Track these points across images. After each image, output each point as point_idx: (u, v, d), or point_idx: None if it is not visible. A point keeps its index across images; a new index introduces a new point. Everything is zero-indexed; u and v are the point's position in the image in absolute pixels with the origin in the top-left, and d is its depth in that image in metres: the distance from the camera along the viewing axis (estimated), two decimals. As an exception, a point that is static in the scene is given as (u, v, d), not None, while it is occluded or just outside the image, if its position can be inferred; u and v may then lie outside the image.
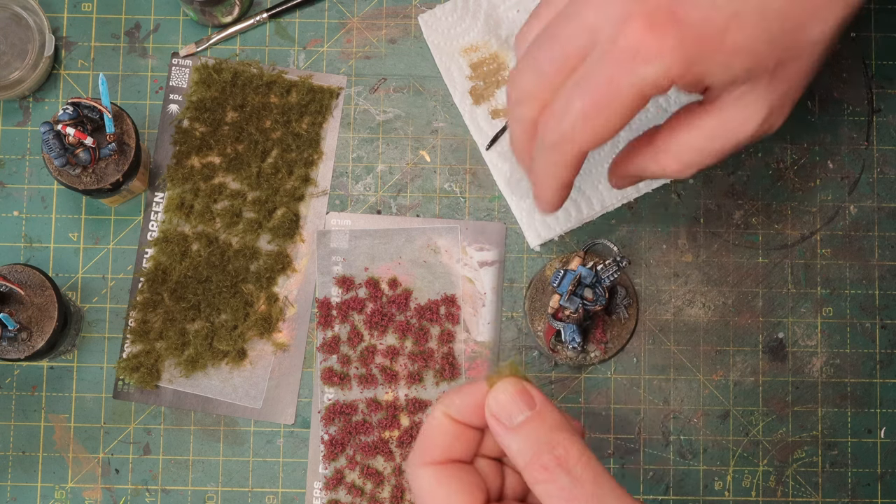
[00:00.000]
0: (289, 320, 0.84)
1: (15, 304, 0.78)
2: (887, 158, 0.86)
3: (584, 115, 0.62)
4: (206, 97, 0.85)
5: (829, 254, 0.85)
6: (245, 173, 0.85)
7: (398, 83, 0.87)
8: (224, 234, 0.85)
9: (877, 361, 0.85)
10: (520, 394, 0.54)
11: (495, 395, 0.54)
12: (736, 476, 0.84)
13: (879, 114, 0.86)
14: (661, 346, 0.84)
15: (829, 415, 0.84)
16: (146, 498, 0.83)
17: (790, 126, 0.86)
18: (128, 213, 0.85)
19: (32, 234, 0.85)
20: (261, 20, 0.86)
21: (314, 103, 0.85)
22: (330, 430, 0.83)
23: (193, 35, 0.87)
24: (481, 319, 0.84)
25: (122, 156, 0.79)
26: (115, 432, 0.84)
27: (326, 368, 0.83)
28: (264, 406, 0.84)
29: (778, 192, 0.86)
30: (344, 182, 0.86)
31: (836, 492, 0.84)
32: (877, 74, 0.87)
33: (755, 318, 0.85)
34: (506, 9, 0.86)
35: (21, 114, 0.86)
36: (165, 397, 0.84)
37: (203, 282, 0.84)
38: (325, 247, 0.85)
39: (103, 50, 0.86)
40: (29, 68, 0.83)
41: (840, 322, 0.85)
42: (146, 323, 0.84)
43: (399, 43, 0.87)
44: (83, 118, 0.77)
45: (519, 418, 0.53)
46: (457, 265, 0.84)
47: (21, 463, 0.83)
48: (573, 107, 0.62)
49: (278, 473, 0.84)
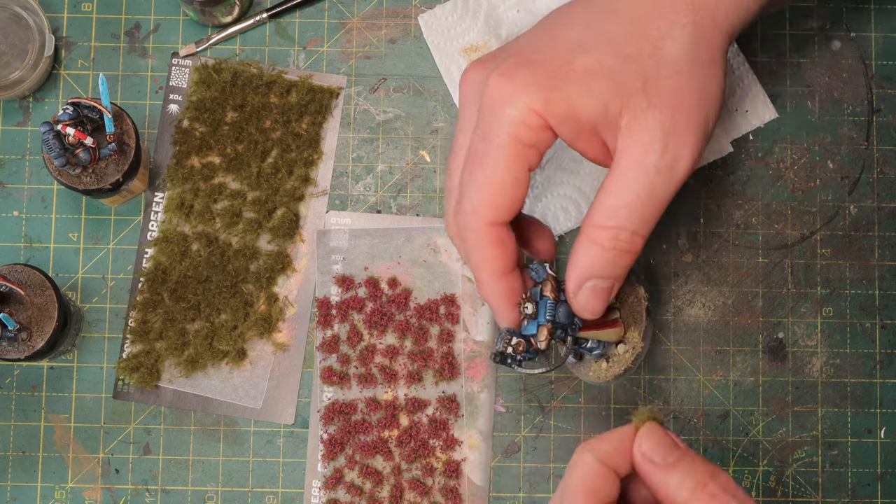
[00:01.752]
0: (289, 320, 0.84)
1: (15, 304, 0.78)
2: (887, 158, 0.86)
3: (470, 179, 0.66)
4: (206, 97, 0.85)
5: (829, 254, 0.85)
6: (245, 173, 0.85)
7: (398, 83, 0.87)
8: (224, 234, 0.85)
9: (877, 361, 0.85)
10: (667, 435, 0.58)
11: (647, 438, 0.58)
12: (736, 476, 0.84)
13: (879, 114, 0.86)
14: (661, 346, 0.84)
15: (829, 415, 0.84)
16: (146, 498, 0.83)
17: (790, 126, 0.86)
18: (128, 213, 0.85)
19: (32, 234, 0.85)
20: (261, 20, 0.86)
21: (314, 103, 0.85)
22: (329, 430, 0.83)
23: (193, 35, 0.87)
24: (481, 319, 0.84)
25: (122, 156, 0.79)
26: (115, 432, 0.84)
27: (326, 368, 0.83)
28: (264, 406, 0.84)
29: (778, 192, 0.86)
30: (344, 182, 0.86)
31: (836, 492, 0.84)
32: (877, 74, 0.87)
33: (755, 318, 0.85)
34: (506, 9, 0.86)
35: (21, 114, 0.86)
36: (165, 397, 0.84)
37: (203, 282, 0.84)
38: (324, 246, 0.85)
39: (103, 50, 0.86)
40: (29, 68, 0.84)
41: (840, 322, 0.85)
42: (146, 323, 0.84)
43: (399, 43, 0.87)
44: (83, 118, 0.77)
45: (671, 457, 0.57)
46: (456, 265, 0.84)
47: (21, 463, 0.84)
48: (463, 179, 0.67)
49: (278, 473, 0.84)
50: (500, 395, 0.84)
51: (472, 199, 0.67)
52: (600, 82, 0.64)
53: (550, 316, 0.69)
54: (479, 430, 0.83)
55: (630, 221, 0.65)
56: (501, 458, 0.84)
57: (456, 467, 0.83)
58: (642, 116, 0.64)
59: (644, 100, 0.64)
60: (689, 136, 0.65)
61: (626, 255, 0.66)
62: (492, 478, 0.83)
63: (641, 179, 0.64)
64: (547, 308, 0.69)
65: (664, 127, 0.64)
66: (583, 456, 0.58)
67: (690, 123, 0.65)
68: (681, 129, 0.65)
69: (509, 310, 0.69)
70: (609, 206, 0.65)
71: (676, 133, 0.65)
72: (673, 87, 0.65)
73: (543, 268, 0.70)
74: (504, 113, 0.65)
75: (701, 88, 0.66)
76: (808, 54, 0.86)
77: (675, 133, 0.65)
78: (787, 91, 0.86)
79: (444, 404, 0.83)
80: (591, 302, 0.67)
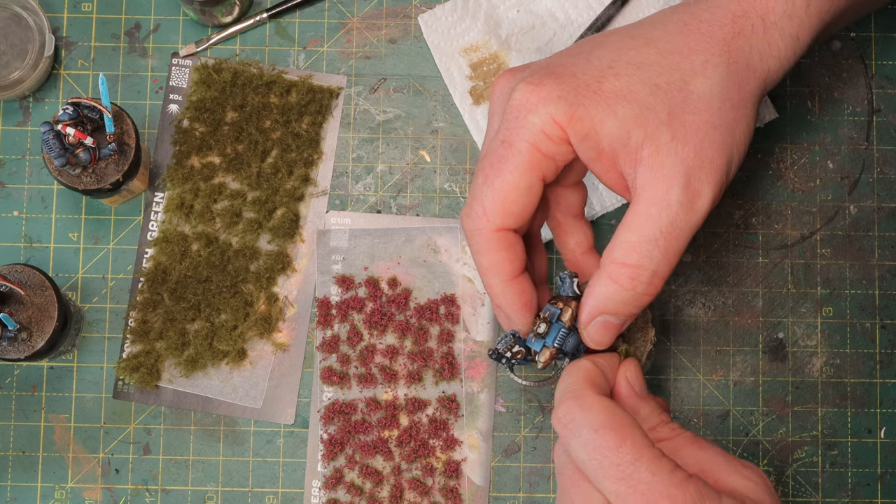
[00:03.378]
0: (289, 320, 0.84)
1: (15, 304, 0.78)
2: (887, 158, 0.86)
3: (484, 182, 0.67)
4: (206, 97, 0.85)
5: (829, 254, 0.85)
6: (245, 173, 0.85)
7: (398, 83, 0.87)
8: (224, 234, 0.85)
9: (877, 361, 0.85)
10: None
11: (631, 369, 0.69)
12: (736, 476, 0.84)
13: (879, 114, 0.86)
14: (661, 346, 0.85)
15: (829, 415, 0.84)
16: (146, 498, 0.83)
17: (790, 126, 0.86)
18: (128, 213, 0.85)
19: (32, 234, 0.85)
20: (261, 20, 0.87)
21: (314, 103, 0.85)
22: (329, 430, 0.83)
23: (193, 35, 0.87)
24: (480, 319, 0.84)
25: (122, 156, 0.79)
26: (115, 432, 0.84)
27: (326, 368, 0.83)
28: (264, 406, 0.84)
29: (778, 192, 0.86)
30: (344, 182, 0.86)
31: (836, 492, 0.84)
32: (877, 74, 0.87)
33: (755, 318, 0.85)
34: (506, 9, 0.86)
35: (21, 114, 0.86)
36: (165, 397, 0.84)
37: (203, 282, 0.84)
38: (324, 246, 0.85)
39: (103, 50, 0.86)
40: (29, 68, 0.84)
41: (840, 322, 0.85)
42: (146, 323, 0.84)
43: (399, 43, 0.87)
44: (83, 118, 0.77)
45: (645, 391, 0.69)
46: (456, 265, 0.84)
47: (21, 463, 0.84)
48: (477, 182, 0.67)
49: (278, 473, 0.84)
50: (500, 395, 0.84)
51: (485, 202, 0.67)
52: (626, 107, 0.64)
53: (559, 344, 0.69)
54: (479, 430, 0.83)
55: (651, 260, 0.64)
56: (501, 458, 0.84)
57: (456, 467, 0.83)
58: (665, 150, 0.64)
59: (668, 132, 0.64)
60: (711, 174, 0.65)
61: (643, 297, 0.66)
62: (492, 478, 0.83)
63: (664, 215, 0.64)
64: (559, 335, 0.69)
65: (687, 162, 0.64)
66: (582, 362, 0.67)
67: (714, 161, 0.65)
68: (704, 165, 0.64)
69: (516, 314, 0.69)
70: (629, 242, 0.64)
71: (700, 169, 0.64)
72: (699, 123, 0.65)
73: (572, 282, 0.70)
74: (527, 120, 0.65)
75: (727, 128, 0.65)
76: (808, 54, 0.86)
77: (699, 169, 0.64)
78: (787, 91, 0.86)
79: (444, 404, 0.83)
80: (599, 335, 0.68)
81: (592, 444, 0.61)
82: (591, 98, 0.64)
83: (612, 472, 0.60)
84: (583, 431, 0.61)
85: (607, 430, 0.61)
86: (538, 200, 0.67)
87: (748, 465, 0.64)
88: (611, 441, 0.61)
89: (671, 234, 0.64)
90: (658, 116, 0.64)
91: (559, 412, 0.63)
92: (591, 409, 0.62)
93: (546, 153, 0.66)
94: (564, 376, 0.66)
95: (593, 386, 0.65)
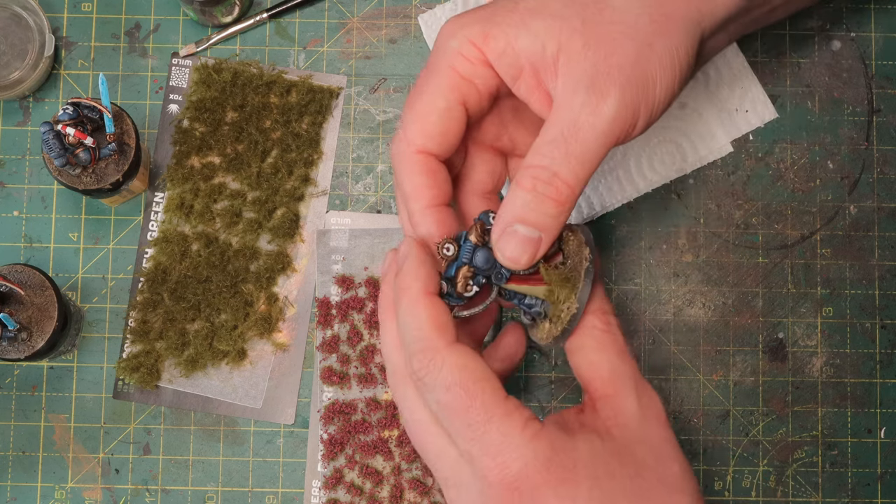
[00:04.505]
0: (289, 320, 0.84)
1: (15, 304, 0.78)
2: (887, 158, 0.86)
3: (406, 109, 0.68)
4: (206, 97, 0.85)
5: (829, 254, 0.85)
6: (245, 173, 0.85)
7: (398, 83, 0.87)
8: (224, 234, 0.85)
9: (877, 361, 0.85)
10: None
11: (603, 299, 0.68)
12: (736, 476, 0.84)
13: (879, 114, 0.86)
14: (661, 346, 0.85)
15: (829, 415, 0.84)
16: (146, 498, 0.83)
17: (790, 126, 0.86)
18: (128, 213, 0.85)
19: (32, 234, 0.85)
20: (261, 20, 0.87)
21: (314, 103, 0.85)
22: (329, 430, 0.83)
23: (193, 35, 0.87)
24: (481, 319, 0.84)
25: (122, 156, 0.79)
26: (115, 432, 0.84)
27: (326, 368, 0.83)
28: (264, 406, 0.84)
29: (778, 192, 0.86)
30: (344, 182, 0.86)
31: (836, 492, 0.84)
32: (877, 74, 0.87)
33: (755, 318, 0.85)
34: (505, 9, 0.86)
35: (21, 114, 0.86)
36: (165, 397, 0.84)
37: (203, 282, 0.84)
38: (324, 246, 0.85)
39: (103, 50, 0.86)
40: (29, 68, 0.84)
41: (840, 322, 0.85)
42: (146, 323, 0.84)
43: (399, 43, 0.87)
44: (83, 118, 0.77)
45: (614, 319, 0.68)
46: (456, 265, 0.84)
47: (21, 463, 0.84)
48: (403, 112, 0.69)
49: (278, 473, 0.84)
50: (500, 395, 0.84)
51: (406, 126, 0.67)
52: (539, 21, 0.65)
53: (467, 259, 0.65)
54: (479, 430, 0.83)
55: (552, 161, 0.63)
56: (501, 458, 0.84)
57: (456, 467, 0.83)
58: (576, 57, 0.64)
59: (581, 40, 0.64)
60: (621, 79, 0.63)
61: (547, 201, 0.63)
62: (492, 478, 0.83)
63: (566, 116, 0.63)
64: (464, 251, 0.66)
65: (596, 67, 0.63)
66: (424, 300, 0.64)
67: (625, 69, 0.64)
68: (612, 71, 0.63)
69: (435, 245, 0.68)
70: (533, 147, 0.64)
71: (608, 74, 0.63)
72: (612, 32, 0.64)
73: (487, 216, 0.67)
74: (447, 45, 0.67)
75: (644, 42, 0.64)
76: (808, 54, 0.86)
77: (606, 74, 0.63)
78: (787, 91, 0.86)
79: (444, 404, 0.83)
80: (510, 248, 0.64)
81: (444, 403, 0.61)
82: (506, 17, 0.65)
83: (464, 433, 0.61)
84: (436, 389, 0.62)
85: (458, 388, 0.61)
86: (461, 127, 0.67)
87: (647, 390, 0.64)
88: (462, 401, 0.61)
89: (572, 136, 0.63)
90: (571, 25, 0.64)
91: (413, 365, 0.62)
92: (444, 366, 0.62)
93: (464, 75, 0.66)
94: (404, 316, 0.64)
95: (443, 332, 0.63)
